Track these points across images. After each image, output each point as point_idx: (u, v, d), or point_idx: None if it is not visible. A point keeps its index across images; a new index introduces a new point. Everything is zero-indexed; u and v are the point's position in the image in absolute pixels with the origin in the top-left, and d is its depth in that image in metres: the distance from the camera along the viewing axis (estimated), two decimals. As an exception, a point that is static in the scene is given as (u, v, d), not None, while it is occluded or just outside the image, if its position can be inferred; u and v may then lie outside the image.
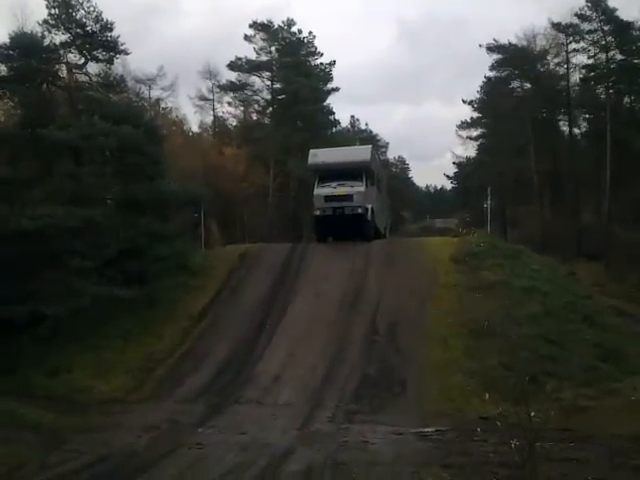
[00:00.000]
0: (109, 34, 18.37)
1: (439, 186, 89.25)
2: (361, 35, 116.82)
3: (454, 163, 54.15)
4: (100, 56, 18.67)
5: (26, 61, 16.73)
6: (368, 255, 18.47)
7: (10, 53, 16.95)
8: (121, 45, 18.62)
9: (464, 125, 47.49)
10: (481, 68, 69.47)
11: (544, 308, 14.21)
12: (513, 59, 40.12)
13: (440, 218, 62.42)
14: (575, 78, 38.84)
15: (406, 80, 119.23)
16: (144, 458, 9.00)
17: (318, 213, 20.27)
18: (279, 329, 14.91)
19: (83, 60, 18.60)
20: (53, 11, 17.95)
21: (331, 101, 43.62)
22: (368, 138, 56.21)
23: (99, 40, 18.37)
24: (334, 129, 45.55)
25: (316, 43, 42.85)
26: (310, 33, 42.60)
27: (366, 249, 18.93)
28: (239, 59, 41.24)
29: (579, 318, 14.22)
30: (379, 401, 11.54)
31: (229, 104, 44.57)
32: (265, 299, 16.56)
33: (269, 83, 41.89)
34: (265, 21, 42.03)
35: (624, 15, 35.37)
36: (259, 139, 40.69)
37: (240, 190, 35.34)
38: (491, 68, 41.93)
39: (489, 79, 43.46)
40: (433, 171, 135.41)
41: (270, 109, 42.71)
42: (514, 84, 42.47)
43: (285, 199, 40.25)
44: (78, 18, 18.04)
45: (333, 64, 43.03)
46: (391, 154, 69.15)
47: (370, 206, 20.12)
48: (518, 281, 15.42)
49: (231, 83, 42.53)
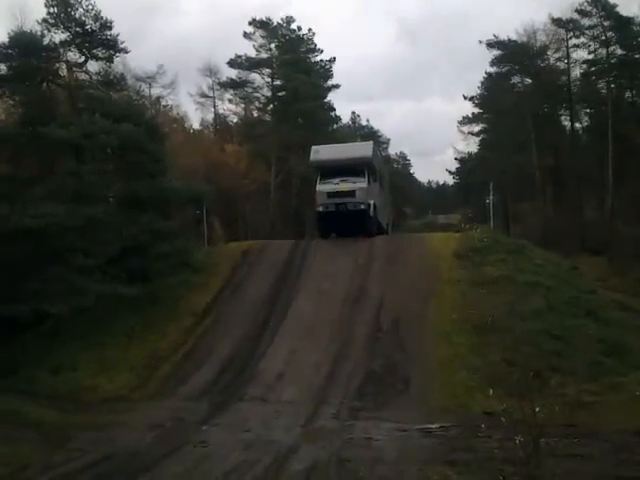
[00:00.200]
0: (108, 32, 18.37)
1: (441, 182, 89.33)
2: (361, 31, 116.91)
3: (456, 159, 54.41)
4: (100, 54, 18.66)
5: (26, 60, 16.69)
6: (371, 251, 18.42)
7: (10, 52, 16.90)
8: (121, 43, 18.66)
9: (465, 121, 47.67)
10: (482, 63, 69.25)
11: (548, 303, 14.15)
12: (513, 55, 40.12)
13: (442, 214, 62.32)
14: (576, 73, 38.95)
15: (407, 76, 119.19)
16: (148, 456, 8.98)
17: (321, 209, 20.23)
18: (282, 326, 14.88)
19: (83, 58, 18.60)
20: (52, 10, 17.92)
21: (332, 98, 43.85)
22: (369, 134, 56.27)
23: (99, 38, 18.35)
24: (335, 126, 45.61)
25: (316, 40, 43.11)
26: (310, 30, 42.81)
27: (369, 245, 18.89)
28: (239, 56, 41.33)
29: (583, 313, 14.16)
30: (383, 398, 11.50)
31: (230, 101, 44.77)
32: (268, 296, 16.53)
33: (269, 80, 41.95)
34: (264, 18, 42.18)
35: (624, 10, 35.57)
36: (260, 136, 40.74)
37: (242, 187, 35.37)
38: (492, 64, 42.05)
39: (490, 75, 43.50)
40: (435, 167, 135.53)
41: (271, 106, 42.72)
42: (515, 80, 42.54)
43: (287, 196, 40.26)
44: (77, 17, 18.01)
45: (333, 61, 43.21)
46: (392, 150, 69.37)
47: (372, 202, 20.08)
48: (521, 276, 15.34)
49: (231, 80, 42.59)
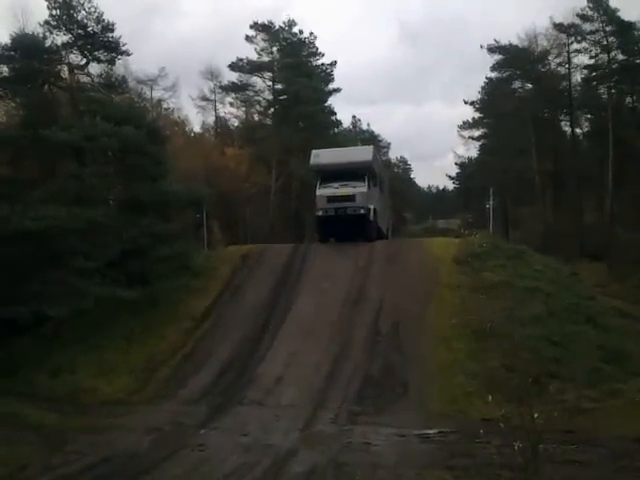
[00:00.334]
0: (110, 35, 18.38)
1: (441, 186, 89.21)
2: (362, 35, 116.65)
3: (456, 163, 54.29)
4: (102, 57, 18.67)
5: (28, 62, 16.70)
6: (370, 256, 18.43)
7: (11, 54, 16.90)
8: (122, 46, 18.66)
9: (466, 125, 47.63)
10: (483, 68, 69.34)
11: (547, 309, 14.16)
12: (514, 59, 40.12)
13: (442, 219, 62.20)
14: (577, 78, 38.92)
15: (408, 80, 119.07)
16: (147, 460, 9.00)
17: (320, 214, 20.24)
18: (281, 330, 14.88)
19: (85, 61, 18.61)
20: (54, 12, 17.90)
21: (332, 101, 43.92)
22: (370, 138, 56.36)
23: (100, 41, 18.37)
24: (336, 129, 45.58)
25: (317, 44, 43.06)
26: (311, 34, 42.82)
27: (368, 250, 18.89)
28: (240, 60, 41.34)
29: (582, 319, 14.16)
30: (382, 402, 11.49)
31: (231, 105, 44.82)
32: (267, 300, 16.53)
33: (270, 84, 41.98)
34: (266, 22, 42.21)
35: (626, 15, 35.51)
36: (261, 139, 40.77)
37: (242, 190, 35.37)
38: (492, 68, 42.01)
39: (490, 79, 43.51)
40: (435, 171, 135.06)
41: (272, 110, 42.76)
42: (516, 84, 42.50)
43: (287, 199, 40.26)
44: (79, 19, 18.01)
45: (334, 64, 43.23)
46: (393, 154, 69.27)
47: (372, 206, 20.09)
48: (521, 282, 15.36)
49: (233, 84, 42.62)
